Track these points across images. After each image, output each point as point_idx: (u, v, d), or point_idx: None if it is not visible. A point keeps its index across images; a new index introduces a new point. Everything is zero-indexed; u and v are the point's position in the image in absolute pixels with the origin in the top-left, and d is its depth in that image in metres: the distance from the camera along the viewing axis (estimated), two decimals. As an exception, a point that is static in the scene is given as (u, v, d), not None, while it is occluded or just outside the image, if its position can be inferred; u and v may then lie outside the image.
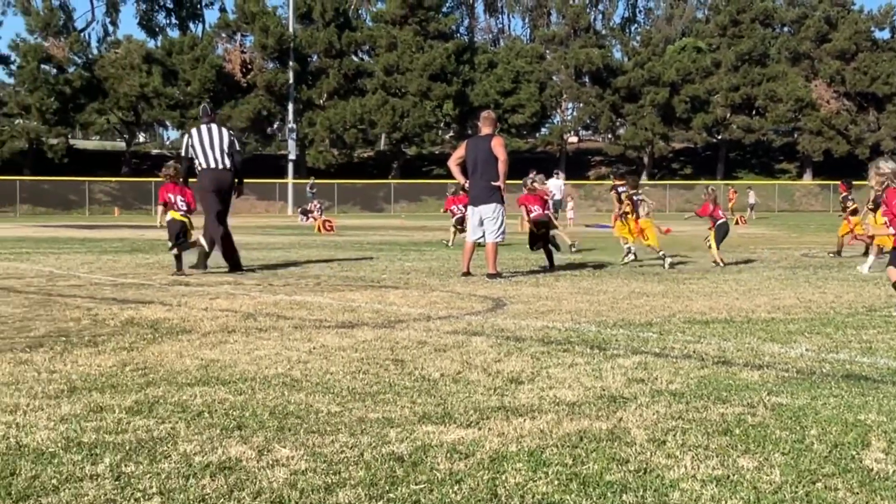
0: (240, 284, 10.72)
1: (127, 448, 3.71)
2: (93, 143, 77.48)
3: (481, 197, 12.09)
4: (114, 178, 59.94)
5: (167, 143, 78.88)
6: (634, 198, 14.72)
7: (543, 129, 73.12)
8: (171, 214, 12.24)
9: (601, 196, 64.08)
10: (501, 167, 11.86)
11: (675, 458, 3.62)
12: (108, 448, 3.71)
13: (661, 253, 13.90)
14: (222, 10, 78.43)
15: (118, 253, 16.82)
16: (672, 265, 13.52)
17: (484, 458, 3.60)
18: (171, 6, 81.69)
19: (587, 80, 69.77)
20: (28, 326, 7.11)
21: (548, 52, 71.18)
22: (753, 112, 70.20)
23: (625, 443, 3.84)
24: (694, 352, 6.12)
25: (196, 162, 12.92)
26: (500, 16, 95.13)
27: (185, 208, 12.20)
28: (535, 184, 14.30)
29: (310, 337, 6.59)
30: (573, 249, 17.48)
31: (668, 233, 16.60)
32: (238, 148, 13.36)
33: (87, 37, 73.12)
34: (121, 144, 71.35)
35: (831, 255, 16.69)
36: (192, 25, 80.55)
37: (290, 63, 62.91)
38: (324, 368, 5.40)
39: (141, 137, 74.60)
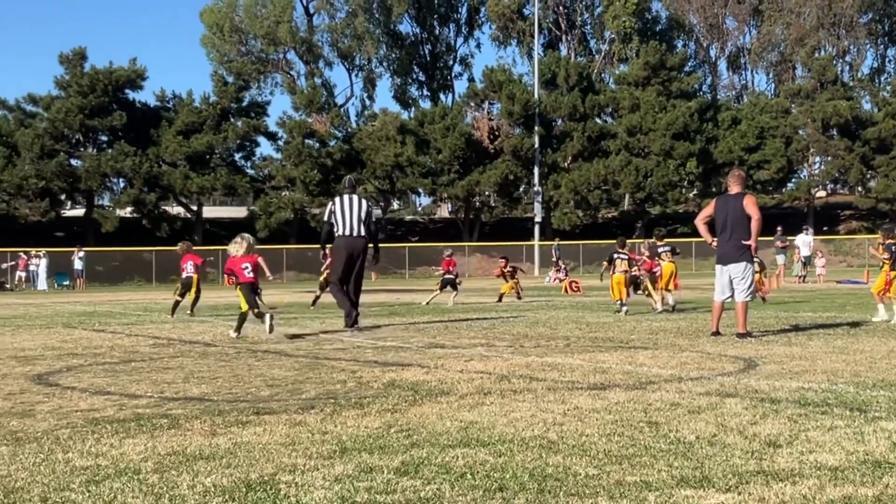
0: (492, 346, 10.98)
1: (397, 508, 3.92)
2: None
3: (731, 256, 11.91)
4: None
5: (419, 209, 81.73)
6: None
7: (790, 185, 70.60)
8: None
9: (852, 251, 61.01)
10: (755, 226, 11.68)
11: (949, 530, 3.47)
12: (379, 508, 3.93)
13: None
14: (471, 80, 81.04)
15: (377, 317, 17.54)
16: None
17: (743, 524, 3.58)
18: (423, 79, 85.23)
19: (835, 132, 66.78)
20: (300, 389, 7.54)
21: (793, 106, 68.80)
22: None
23: (893, 512, 3.71)
24: (965, 415, 5.79)
25: (335, 228, 14.37)
26: (743, 72, 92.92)
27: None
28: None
29: (563, 399, 6.69)
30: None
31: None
32: (374, 218, 14.71)
33: (346, 111, 77.52)
34: (377, 212, 74.47)
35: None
36: (442, 96, 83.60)
37: (536, 128, 63.93)
38: (579, 430, 5.47)
39: (395, 204, 77.71)
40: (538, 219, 62.97)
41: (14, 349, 11.67)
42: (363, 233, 14.46)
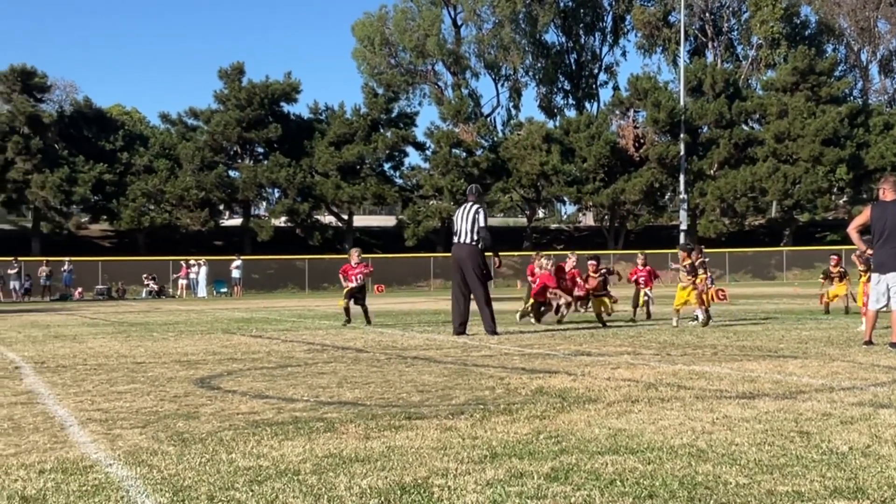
0: (639, 355, 10.92)
1: (549, 513, 3.98)
2: (497, 220, 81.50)
3: (888, 264, 11.50)
4: (516, 253, 62.59)
5: (564, 217, 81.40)
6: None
7: (945, 191, 67.29)
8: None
9: None
10: (923, 232, 11.29)
11: None
12: (532, 512, 3.99)
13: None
14: (616, 88, 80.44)
15: (523, 324, 17.61)
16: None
17: (899, 538, 3.53)
18: (568, 88, 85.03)
19: None
20: (449, 395, 7.65)
21: (948, 109, 65.83)
22: None
23: None
24: None
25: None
26: (895, 76, 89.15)
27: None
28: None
29: (712, 407, 6.63)
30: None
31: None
32: (483, 224, 14.82)
33: (492, 121, 78.11)
34: (522, 220, 74.73)
35: None
36: (587, 104, 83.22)
37: (681, 135, 63.02)
38: (728, 439, 5.43)
39: (540, 213, 77.67)
40: (683, 226, 61.98)
41: (178, 353, 12.25)
42: (469, 240, 14.78)
